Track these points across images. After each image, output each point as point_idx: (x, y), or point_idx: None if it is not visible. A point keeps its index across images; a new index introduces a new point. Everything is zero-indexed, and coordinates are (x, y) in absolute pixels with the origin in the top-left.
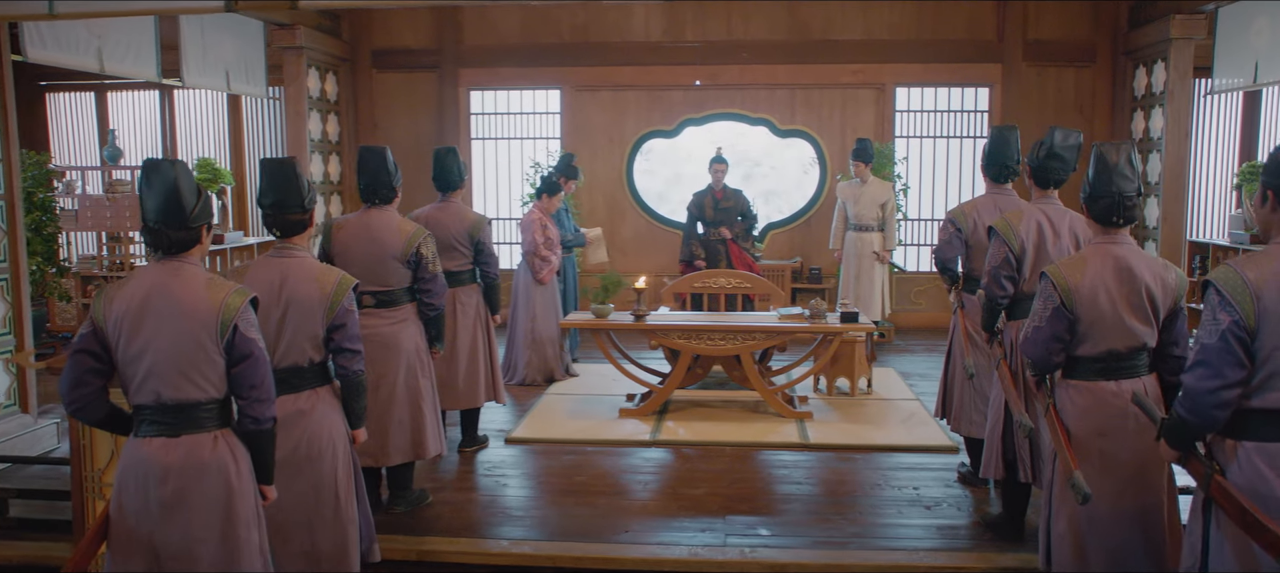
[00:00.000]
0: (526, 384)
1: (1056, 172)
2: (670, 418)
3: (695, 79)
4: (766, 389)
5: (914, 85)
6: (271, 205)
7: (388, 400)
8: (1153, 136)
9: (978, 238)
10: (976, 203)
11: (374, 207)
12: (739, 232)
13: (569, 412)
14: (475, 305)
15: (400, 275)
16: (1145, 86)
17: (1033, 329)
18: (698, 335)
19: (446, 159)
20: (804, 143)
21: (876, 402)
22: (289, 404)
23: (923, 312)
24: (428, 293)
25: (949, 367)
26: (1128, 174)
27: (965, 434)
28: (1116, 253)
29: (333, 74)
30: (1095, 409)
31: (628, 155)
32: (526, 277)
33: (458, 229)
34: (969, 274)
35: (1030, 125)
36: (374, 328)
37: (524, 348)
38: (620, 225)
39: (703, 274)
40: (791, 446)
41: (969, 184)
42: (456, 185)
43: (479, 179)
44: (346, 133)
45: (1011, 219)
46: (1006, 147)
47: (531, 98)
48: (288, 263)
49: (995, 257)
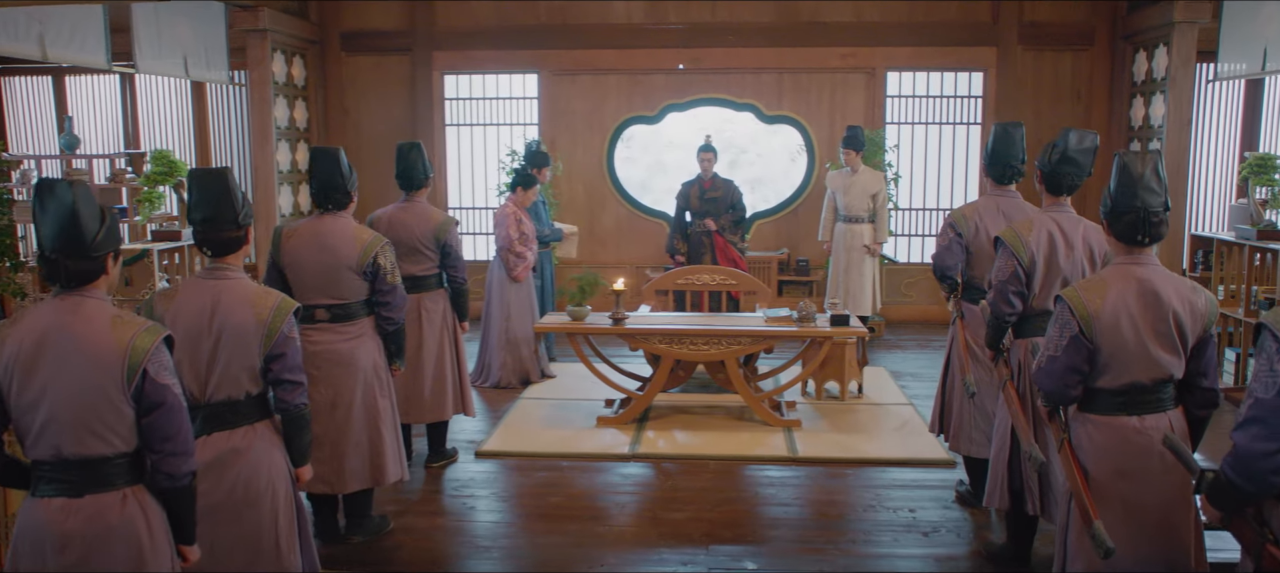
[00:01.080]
0: (501, 387)
1: (1070, 177)
2: (651, 427)
3: (678, 63)
4: (752, 396)
5: (906, 70)
6: (202, 221)
7: (344, 422)
8: (1152, 125)
9: (979, 244)
10: (978, 206)
11: (327, 212)
12: (726, 224)
13: (544, 419)
14: (442, 312)
15: (356, 287)
16: (1145, 72)
17: (1047, 359)
18: (679, 340)
19: (410, 155)
20: (791, 129)
21: (867, 407)
22: (223, 442)
23: (914, 304)
24: (386, 306)
25: (947, 381)
26: (1154, 187)
27: (965, 454)
28: (1141, 275)
29: (300, 57)
30: (1116, 448)
31: (608, 142)
32: (501, 274)
33: (422, 231)
34: (969, 282)
35: (1026, 112)
36: (328, 344)
37: (498, 349)
38: (601, 215)
39: (685, 271)
40: (779, 459)
41: (961, 173)
42: (421, 183)
43: (453, 167)
44: (315, 119)
45: (1020, 229)
46: (1011, 145)
47: (508, 82)
48: (220, 286)
49: (1002, 270)
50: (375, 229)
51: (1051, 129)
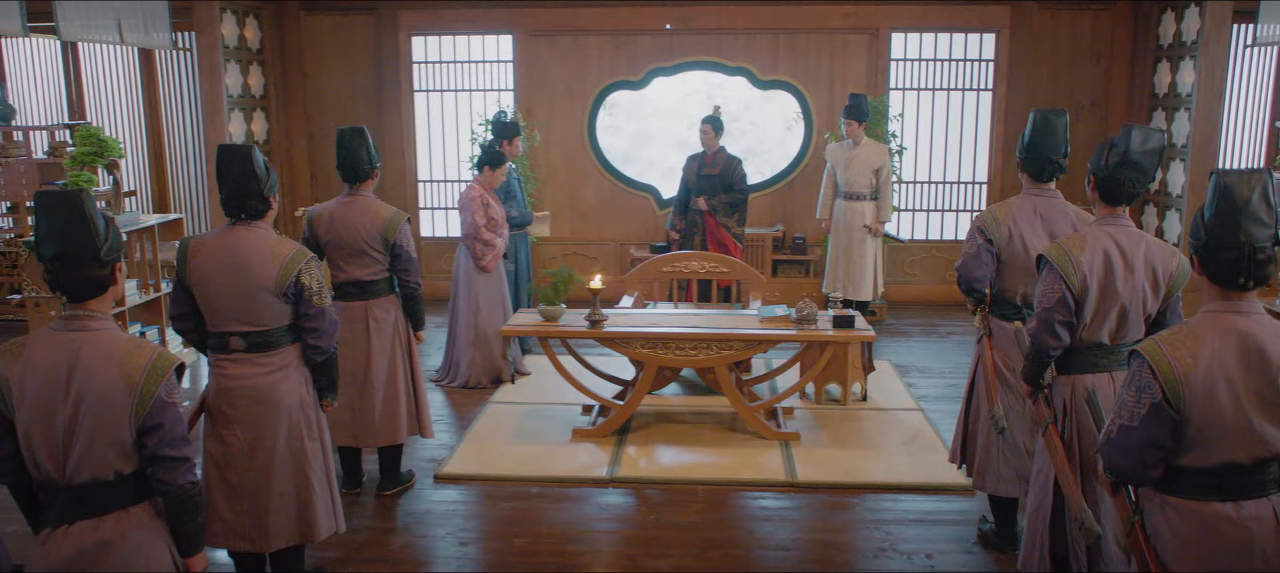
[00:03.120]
0: (470, 387)
1: (1131, 184)
2: (632, 440)
3: (665, 22)
4: (746, 407)
5: (911, 30)
6: (52, 259)
7: (265, 471)
8: (1180, 92)
9: (1012, 252)
10: (1012, 208)
11: (240, 223)
12: (719, 205)
13: (514, 431)
14: (393, 321)
15: (276, 311)
16: (1173, 34)
17: (1119, 430)
18: (664, 344)
19: (352, 142)
20: (787, 95)
21: (872, 414)
22: (89, 534)
23: (917, 284)
24: (313, 333)
25: (970, 409)
26: (1262, 216)
27: (991, 493)
28: (1242, 327)
29: (253, 18)
30: (1205, 541)
31: (589, 109)
32: (468, 263)
33: (368, 229)
34: (999, 295)
35: (1041, 76)
36: (245, 379)
37: (466, 346)
38: (582, 189)
39: (671, 258)
40: (775, 485)
41: (970, 143)
42: (366, 174)
43: (423, 137)
44: (273, 85)
45: (1070, 247)
46: (1052, 135)
47: (480, 44)
48: (80, 340)
49: (1047, 295)
50: (314, 229)
51: (1068, 95)
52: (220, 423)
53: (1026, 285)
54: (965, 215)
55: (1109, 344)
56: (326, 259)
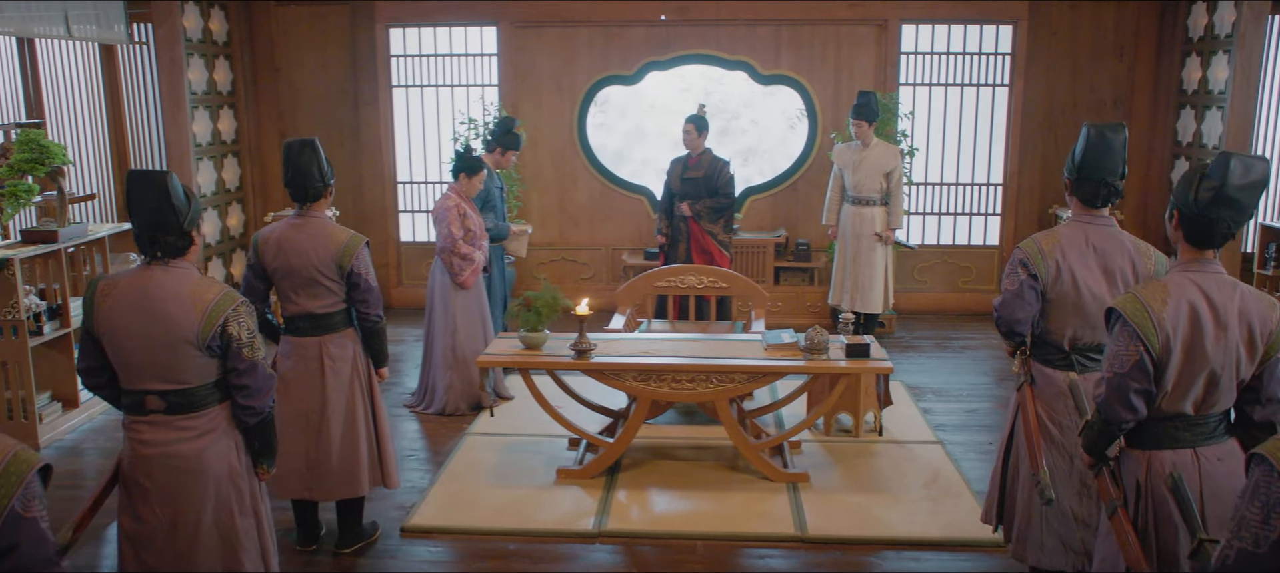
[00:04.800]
0: (447, 414)
1: (1227, 225)
2: (623, 484)
3: (660, 13)
4: (749, 446)
5: (923, 21)
6: None
7: (188, 552)
8: (1211, 88)
9: (1061, 290)
10: (1060, 238)
11: (156, 262)
12: (703, 210)
13: (493, 469)
14: (351, 359)
15: (199, 367)
16: (1204, 25)
17: (1240, 555)
18: (659, 377)
19: (301, 157)
20: (790, 91)
21: (888, 449)
22: None
23: (928, 292)
24: (244, 391)
25: (1007, 466)
26: None
27: (1033, 565)
28: None
29: (220, 8)
30: None
31: (579, 106)
32: (444, 278)
33: (321, 255)
34: (1043, 337)
35: (1061, 72)
36: (165, 445)
37: (443, 369)
38: (572, 190)
39: (665, 272)
40: (783, 540)
41: (985, 143)
42: (318, 192)
43: (402, 135)
44: (242, 80)
45: (1150, 299)
46: (1109, 154)
47: (463, 36)
48: None
49: (1121, 358)
50: (261, 255)
51: (1089, 91)
52: (136, 496)
53: (1076, 326)
54: (978, 220)
55: (1193, 415)
56: (276, 289)
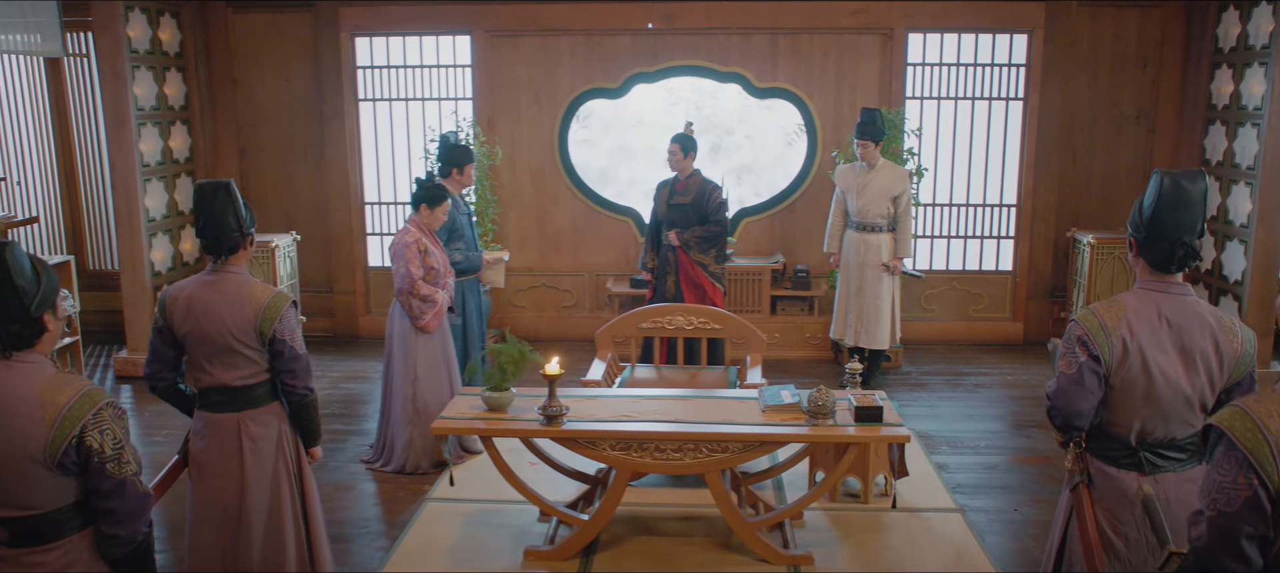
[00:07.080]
0: (406, 473)
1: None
2: (600, 566)
3: (647, 21)
4: (744, 524)
5: (931, 30)
6: None
7: None
8: (1245, 103)
9: (1128, 374)
10: (1126, 309)
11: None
12: (691, 239)
13: (453, 546)
14: (276, 438)
15: (52, 488)
16: (1236, 35)
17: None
18: (640, 446)
19: (215, 203)
20: (788, 105)
21: (902, 521)
22: None
23: (935, 320)
24: (109, 517)
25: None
26: None
27: None
28: None
29: (171, 17)
30: None
31: (560, 120)
32: (404, 321)
33: (237, 320)
34: (1103, 429)
35: (1080, 84)
36: None
37: (402, 423)
38: (552, 211)
39: (651, 312)
40: None
41: (998, 162)
42: (235, 244)
43: (369, 153)
44: (196, 94)
45: (1265, 416)
46: (1187, 210)
47: (434, 45)
48: None
49: (1232, 493)
50: (169, 317)
51: (1110, 105)
52: None
53: (1145, 417)
54: (990, 243)
55: None
56: (187, 358)
